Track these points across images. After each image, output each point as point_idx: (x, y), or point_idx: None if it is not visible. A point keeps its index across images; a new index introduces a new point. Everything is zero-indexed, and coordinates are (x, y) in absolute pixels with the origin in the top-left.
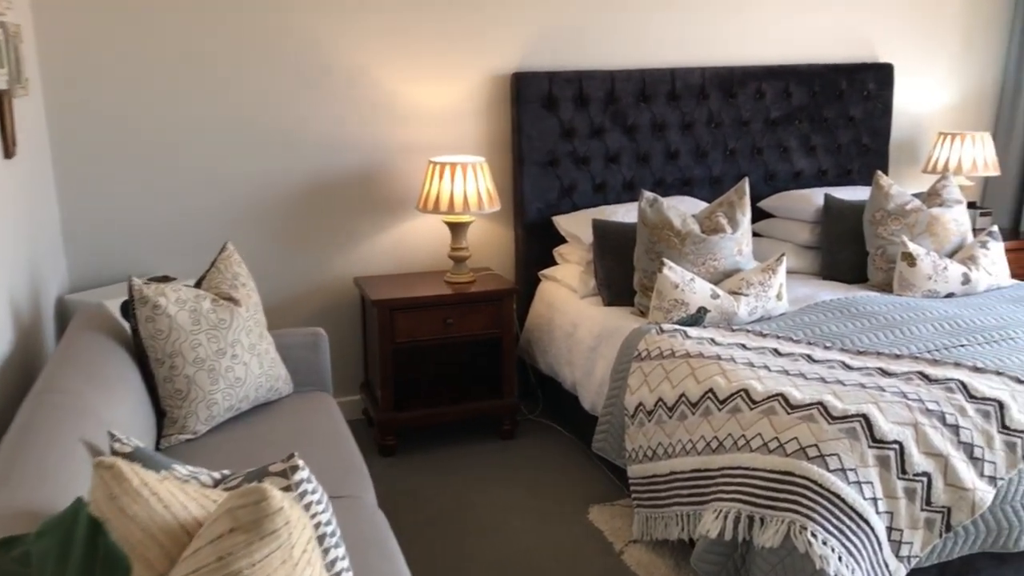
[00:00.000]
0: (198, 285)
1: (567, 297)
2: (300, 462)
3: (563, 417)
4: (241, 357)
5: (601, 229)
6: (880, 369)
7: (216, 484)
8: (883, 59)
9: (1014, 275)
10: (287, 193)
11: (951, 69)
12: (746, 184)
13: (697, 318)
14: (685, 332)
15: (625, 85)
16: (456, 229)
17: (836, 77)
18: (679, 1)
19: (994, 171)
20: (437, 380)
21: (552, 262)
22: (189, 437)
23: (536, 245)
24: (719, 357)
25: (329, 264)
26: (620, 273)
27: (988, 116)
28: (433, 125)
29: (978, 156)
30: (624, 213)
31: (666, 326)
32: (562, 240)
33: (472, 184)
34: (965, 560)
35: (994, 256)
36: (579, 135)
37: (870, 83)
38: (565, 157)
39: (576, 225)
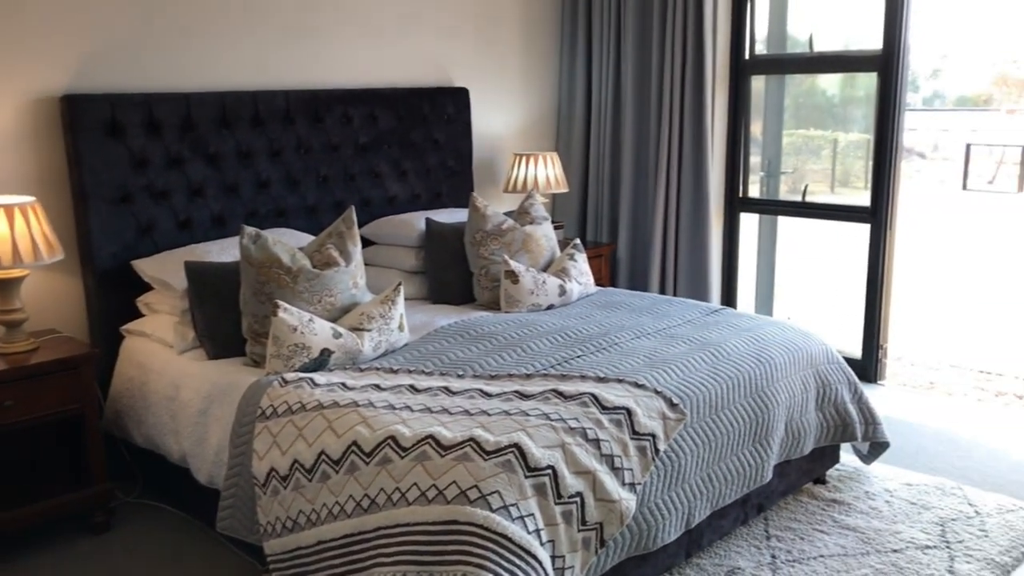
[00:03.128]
0: None
1: (162, 354)
2: None
3: (173, 496)
4: None
5: (196, 272)
6: (517, 392)
7: None
8: (459, 83)
9: (594, 281)
10: None
11: (518, 94)
12: (353, 213)
13: (322, 362)
14: (312, 380)
15: (203, 110)
16: (5, 287)
17: (419, 101)
18: (258, 20)
19: (564, 187)
20: None
21: (137, 315)
22: None
23: (114, 296)
24: (356, 404)
25: None
26: (225, 320)
27: (551, 137)
28: None
29: (550, 174)
30: (220, 251)
31: (289, 376)
32: (147, 288)
33: (22, 230)
34: (615, 569)
35: (582, 267)
36: (154, 166)
37: (450, 107)
38: (140, 192)
39: (163, 269)
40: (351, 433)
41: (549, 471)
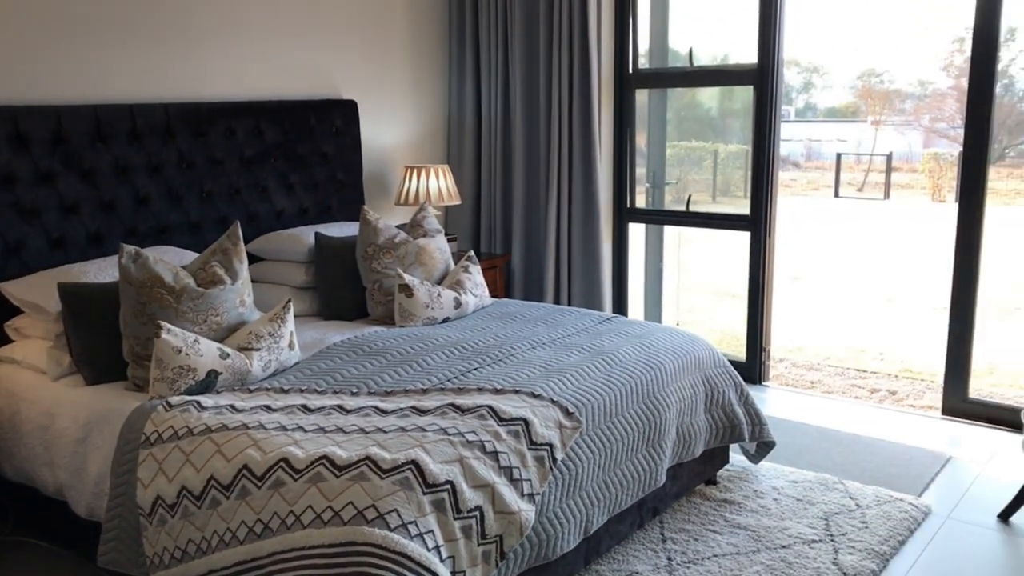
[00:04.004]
0: None
1: (35, 382)
2: None
3: (48, 531)
4: None
5: (71, 293)
6: (414, 407)
7: None
8: (347, 96)
9: (489, 293)
10: None
11: (408, 107)
12: (239, 229)
13: (208, 383)
14: (199, 403)
15: (75, 123)
16: None
17: (306, 114)
18: (134, 29)
19: (456, 200)
20: None
21: (6, 340)
22: None
23: None
24: (246, 426)
25: None
26: (104, 344)
27: (443, 149)
28: None
29: (442, 186)
30: (98, 271)
31: (174, 399)
32: (16, 311)
33: None
34: None
35: (476, 279)
36: (22, 182)
37: (338, 119)
38: (6, 209)
39: (34, 291)
40: (241, 457)
41: (447, 486)
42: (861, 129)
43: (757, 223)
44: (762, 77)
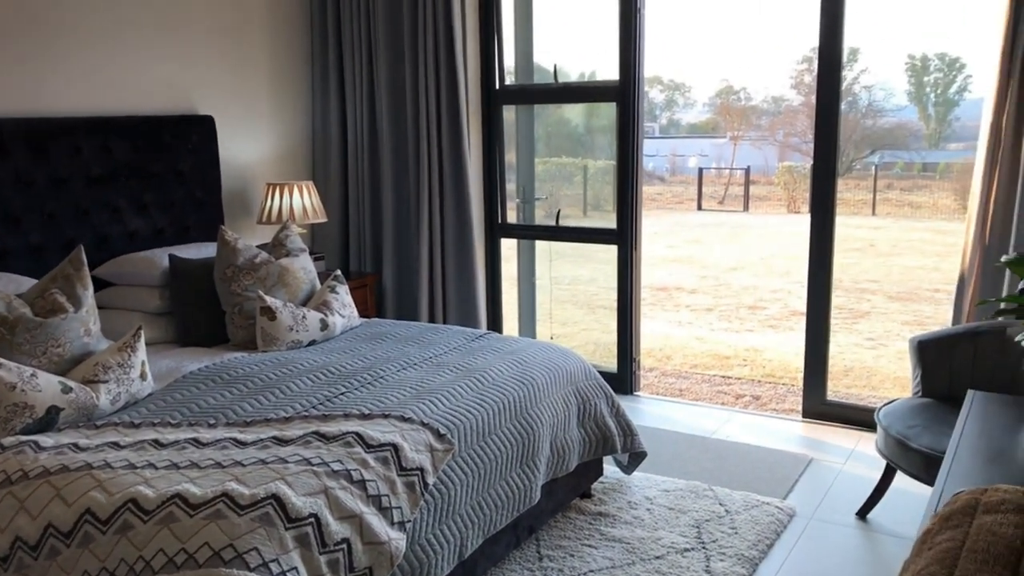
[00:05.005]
0: None
1: None
2: None
3: None
4: None
5: None
6: (275, 438)
7: None
8: (204, 111)
9: (359, 313)
10: None
11: (269, 123)
12: (82, 253)
13: (48, 421)
14: (36, 443)
15: None
16: None
17: (159, 130)
18: None
19: (322, 218)
20: None
21: None
22: None
23: None
24: (90, 466)
25: None
26: None
27: (307, 166)
28: None
29: (306, 203)
30: None
31: (8, 440)
32: None
33: None
34: None
35: (344, 299)
36: None
37: (194, 136)
38: None
39: None
40: (84, 500)
41: (311, 520)
42: (721, 144)
43: (624, 237)
44: (624, 94)
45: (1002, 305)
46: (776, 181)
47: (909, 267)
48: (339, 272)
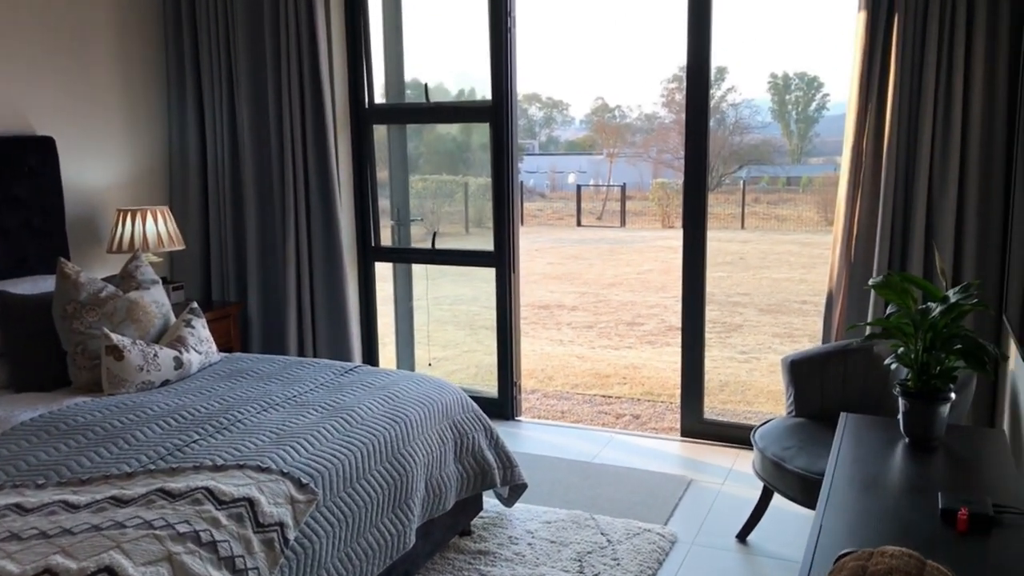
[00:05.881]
0: None
1: None
2: None
3: None
4: None
5: None
6: (113, 498)
7: None
8: (42, 132)
9: (220, 347)
10: None
11: (119, 145)
12: None
13: None
14: None
15: None
16: None
17: None
18: None
19: (179, 244)
20: None
21: None
22: None
23: None
24: None
25: None
26: None
27: (163, 190)
28: None
29: (161, 230)
30: None
31: None
32: None
33: None
34: None
35: (201, 333)
36: None
37: (31, 158)
38: None
39: None
40: None
41: None
42: (598, 161)
43: (501, 259)
44: (497, 115)
45: (868, 330)
46: (651, 197)
47: (777, 279)
48: (195, 304)
